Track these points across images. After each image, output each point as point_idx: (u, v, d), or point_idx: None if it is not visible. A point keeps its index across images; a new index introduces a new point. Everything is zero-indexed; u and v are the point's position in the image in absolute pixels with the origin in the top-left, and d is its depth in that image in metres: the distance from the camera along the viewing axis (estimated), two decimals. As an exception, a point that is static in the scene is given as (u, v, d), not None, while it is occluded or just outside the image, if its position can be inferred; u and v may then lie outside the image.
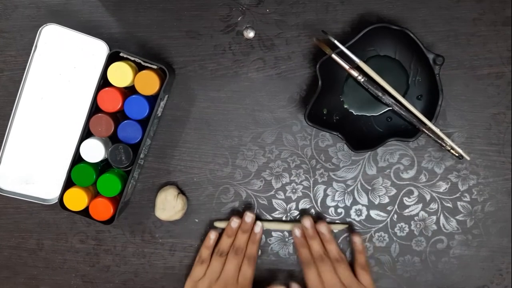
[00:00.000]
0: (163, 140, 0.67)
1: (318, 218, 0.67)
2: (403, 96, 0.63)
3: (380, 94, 0.62)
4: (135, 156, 0.62)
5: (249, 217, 0.65)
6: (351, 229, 0.67)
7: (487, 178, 0.66)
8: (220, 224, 0.67)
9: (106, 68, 0.61)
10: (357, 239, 0.64)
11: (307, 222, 0.65)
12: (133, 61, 0.62)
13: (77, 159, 0.63)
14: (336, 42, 0.60)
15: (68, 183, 0.63)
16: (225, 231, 0.66)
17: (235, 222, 0.65)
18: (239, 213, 0.67)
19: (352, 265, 0.64)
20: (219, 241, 0.66)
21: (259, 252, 0.67)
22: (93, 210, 0.63)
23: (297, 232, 0.65)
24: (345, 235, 0.67)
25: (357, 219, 0.67)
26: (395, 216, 0.67)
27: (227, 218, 0.68)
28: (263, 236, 0.68)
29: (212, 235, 0.66)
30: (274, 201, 0.67)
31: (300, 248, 0.64)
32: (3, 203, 0.69)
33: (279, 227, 0.67)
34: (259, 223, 0.66)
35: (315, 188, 0.67)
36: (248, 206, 0.67)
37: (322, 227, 0.64)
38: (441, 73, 0.60)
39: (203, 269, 0.64)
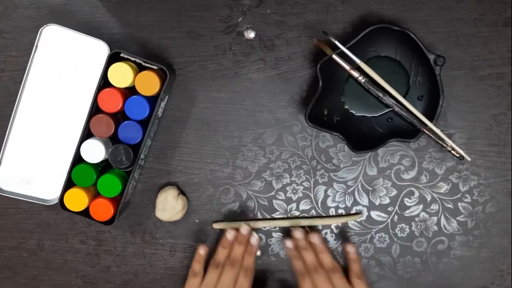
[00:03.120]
0: (163, 140, 0.67)
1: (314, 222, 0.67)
2: (404, 96, 0.63)
3: (380, 94, 0.62)
4: (135, 156, 0.62)
5: (245, 229, 0.65)
6: (344, 238, 0.67)
7: (488, 179, 0.66)
8: (218, 226, 0.67)
9: (107, 68, 0.61)
10: (350, 249, 0.64)
11: (298, 233, 0.64)
12: (134, 62, 0.62)
13: (78, 159, 0.63)
14: (336, 42, 0.60)
15: (69, 184, 0.63)
16: (220, 243, 0.64)
17: (230, 234, 0.64)
18: (237, 215, 0.67)
19: (346, 273, 0.63)
20: (215, 252, 0.64)
21: (259, 253, 0.67)
22: (93, 210, 0.63)
23: (289, 244, 0.64)
24: (339, 242, 0.67)
25: (358, 220, 0.67)
26: (396, 217, 0.67)
27: (226, 219, 0.68)
28: (263, 236, 0.68)
29: (202, 251, 0.64)
30: (274, 201, 0.67)
31: (294, 260, 0.63)
32: (3, 204, 0.70)
33: (271, 224, 0.67)
34: (255, 234, 0.65)
35: (316, 189, 0.67)
36: (247, 208, 0.67)
37: (314, 238, 0.63)
38: (442, 73, 0.60)
39: (198, 281, 0.63)
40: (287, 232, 0.67)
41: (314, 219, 0.66)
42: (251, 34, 0.65)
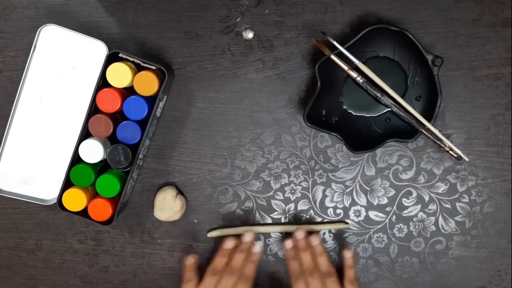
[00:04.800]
0: (162, 140, 0.67)
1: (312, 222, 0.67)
2: (402, 97, 0.63)
3: (379, 95, 0.62)
4: (134, 156, 0.62)
5: (249, 236, 0.64)
6: (342, 240, 0.67)
7: (486, 179, 0.66)
8: (213, 234, 0.67)
9: (105, 68, 0.61)
10: (347, 254, 0.64)
11: (300, 234, 0.64)
12: (132, 62, 0.62)
13: (76, 159, 0.63)
14: (335, 43, 0.60)
15: (67, 184, 0.63)
16: (219, 252, 0.63)
17: (228, 243, 0.63)
18: (237, 219, 0.67)
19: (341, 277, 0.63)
20: (213, 260, 0.63)
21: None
22: (92, 210, 0.63)
23: (289, 244, 0.64)
24: (336, 244, 0.67)
25: (356, 220, 0.67)
26: (394, 217, 0.67)
27: (224, 221, 0.68)
28: (262, 236, 0.68)
29: (191, 259, 0.64)
30: (273, 201, 0.67)
31: (290, 261, 0.63)
32: (2, 204, 0.69)
33: (271, 230, 0.66)
34: (258, 243, 0.64)
35: (314, 189, 0.67)
36: (246, 209, 0.67)
37: (315, 239, 0.63)
38: (440, 74, 0.60)
39: (193, 286, 0.62)
40: (287, 233, 0.68)
41: (301, 226, 0.66)
42: (249, 34, 0.65)
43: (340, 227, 0.67)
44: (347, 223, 0.67)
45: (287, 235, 0.68)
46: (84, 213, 0.63)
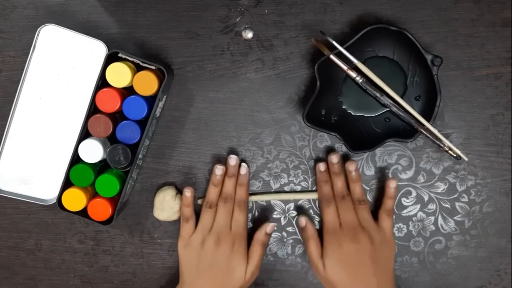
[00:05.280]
0: (161, 140, 0.67)
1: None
2: (401, 97, 0.63)
3: (378, 95, 0.62)
4: (133, 156, 0.62)
5: (233, 159, 0.64)
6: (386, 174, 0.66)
7: (485, 179, 0.66)
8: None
9: (105, 68, 0.61)
10: (392, 184, 0.62)
11: (334, 157, 0.63)
12: (132, 62, 0.62)
13: (76, 159, 0.63)
14: (334, 43, 0.60)
15: (67, 184, 0.63)
16: (210, 181, 0.64)
17: (219, 169, 0.64)
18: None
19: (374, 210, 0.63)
20: (206, 192, 0.64)
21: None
22: (91, 210, 0.63)
23: (322, 166, 0.63)
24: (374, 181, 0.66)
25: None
26: (393, 216, 0.67)
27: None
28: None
29: (188, 193, 0.63)
30: (272, 201, 0.67)
31: (322, 183, 0.62)
32: (1, 204, 0.69)
33: (279, 198, 0.66)
34: (244, 164, 0.65)
35: (314, 189, 0.67)
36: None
37: (352, 165, 0.62)
38: (439, 74, 0.60)
39: (191, 226, 0.63)
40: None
41: (287, 194, 0.66)
42: (249, 34, 0.65)
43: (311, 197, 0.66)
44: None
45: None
46: (83, 213, 0.63)
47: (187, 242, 0.63)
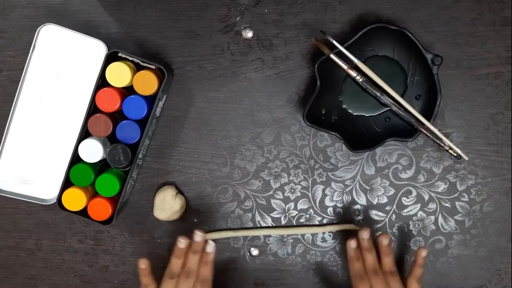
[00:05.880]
0: (161, 140, 0.67)
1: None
2: (402, 96, 0.63)
3: (378, 94, 0.62)
4: (133, 156, 0.62)
5: (198, 236, 0.62)
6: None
7: (485, 178, 0.66)
8: (212, 236, 0.66)
9: (105, 68, 0.61)
10: (422, 253, 0.61)
11: (365, 234, 0.62)
12: (132, 61, 0.62)
13: (76, 159, 0.63)
14: (334, 42, 0.60)
15: (67, 183, 0.63)
16: (173, 253, 0.62)
17: (182, 242, 0.61)
18: (237, 218, 0.67)
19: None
20: (169, 263, 0.62)
21: (257, 252, 0.66)
22: (91, 210, 0.63)
23: (353, 244, 0.62)
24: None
25: (356, 219, 0.67)
26: (394, 216, 0.67)
27: (218, 227, 0.68)
28: (261, 236, 0.68)
29: (142, 265, 0.61)
30: (272, 201, 0.67)
31: (354, 261, 0.61)
32: (1, 203, 0.69)
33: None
34: (211, 242, 0.62)
35: (314, 188, 0.67)
36: (246, 209, 0.67)
37: (385, 240, 0.61)
38: (440, 73, 0.60)
39: None
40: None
41: (311, 228, 0.66)
42: (249, 34, 0.65)
43: (349, 228, 0.66)
44: (357, 225, 0.66)
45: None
46: (83, 212, 0.63)
47: None
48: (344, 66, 0.61)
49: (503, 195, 0.66)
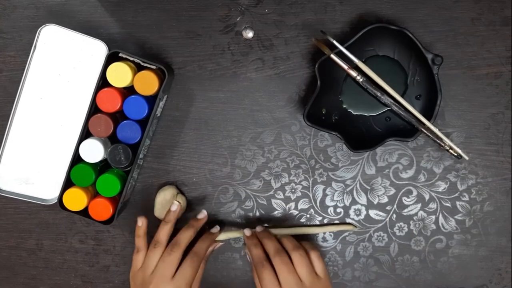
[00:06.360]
0: (162, 140, 0.67)
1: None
2: (402, 96, 0.63)
3: (379, 94, 0.62)
4: (134, 156, 0.62)
5: (201, 213, 0.62)
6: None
7: (486, 178, 0.66)
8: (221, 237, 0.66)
9: (105, 68, 0.61)
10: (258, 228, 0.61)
11: (259, 227, 0.62)
12: (132, 61, 0.62)
13: (77, 159, 0.63)
14: (335, 42, 0.60)
15: (68, 183, 0.63)
16: (164, 217, 0.60)
17: (175, 205, 0.61)
18: (238, 218, 0.67)
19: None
20: (158, 228, 0.60)
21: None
22: (92, 210, 0.63)
23: (247, 232, 0.62)
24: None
25: (356, 218, 0.67)
26: (394, 215, 0.67)
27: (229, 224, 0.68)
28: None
29: (139, 222, 0.61)
30: (273, 201, 0.67)
31: (252, 248, 0.59)
32: (2, 203, 0.70)
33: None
34: (203, 211, 0.62)
35: (314, 188, 0.67)
36: (247, 209, 0.67)
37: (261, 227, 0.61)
38: (440, 73, 0.60)
39: (140, 258, 0.60)
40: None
41: (310, 228, 0.66)
42: (249, 34, 0.65)
43: (346, 228, 0.66)
44: (355, 226, 0.66)
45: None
46: (84, 212, 0.63)
47: (133, 274, 0.60)
48: (345, 66, 0.61)
49: (503, 194, 0.66)
